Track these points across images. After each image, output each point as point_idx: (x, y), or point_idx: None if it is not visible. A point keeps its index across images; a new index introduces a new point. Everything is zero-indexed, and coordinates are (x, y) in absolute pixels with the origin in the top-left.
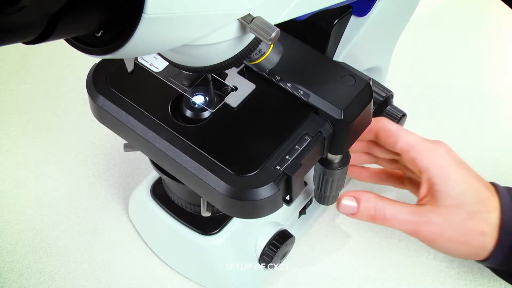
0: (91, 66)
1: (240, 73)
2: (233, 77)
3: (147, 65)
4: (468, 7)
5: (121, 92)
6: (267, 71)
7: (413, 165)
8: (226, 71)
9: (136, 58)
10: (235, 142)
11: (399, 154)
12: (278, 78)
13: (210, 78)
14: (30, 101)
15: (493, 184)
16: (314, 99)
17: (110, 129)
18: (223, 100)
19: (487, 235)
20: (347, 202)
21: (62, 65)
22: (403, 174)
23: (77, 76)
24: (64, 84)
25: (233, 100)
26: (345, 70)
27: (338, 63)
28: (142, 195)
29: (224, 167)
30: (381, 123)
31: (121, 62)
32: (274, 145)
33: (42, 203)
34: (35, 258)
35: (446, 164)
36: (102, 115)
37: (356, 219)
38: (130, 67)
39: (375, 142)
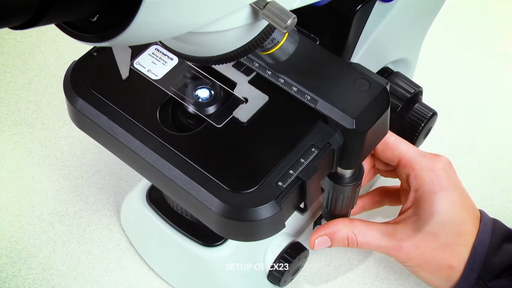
0: (81, 54)
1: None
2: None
3: (145, 71)
4: None
5: (103, 94)
6: (269, 73)
7: (405, 182)
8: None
9: (132, 63)
10: (231, 154)
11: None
12: (282, 81)
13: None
14: (9, 92)
15: (481, 213)
16: (323, 106)
17: (91, 136)
18: (231, 114)
19: (454, 269)
20: (321, 239)
21: (47, 51)
22: (401, 187)
23: (64, 65)
24: (48, 73)
25: (242, 112)
26: (358, 73)
27: (350, 64)
28: (137, 200)
29: (218, 182)
30: None
31: (103, 60)
32: (276, 158)
33: (22, 208)
34: (13, 271)
35: (436, 189)
36: (81, 121)
37: None
38: (125, 73)
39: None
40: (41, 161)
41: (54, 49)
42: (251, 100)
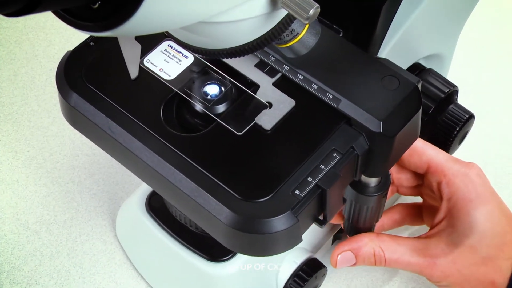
0: (73, 42)
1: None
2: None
3: (156, 70)
4: None
5: (100, 89)
6: (287, 68)
7: (437, 190)
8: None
9: (142, 61)
10: (243, 158)
11: (423, 177)
12: (301, 77)
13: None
14: None
15: None
16: (346, 106)
17: (85, 135)
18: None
19: (496, 286)
20: (344, 256)
21: (35, 39)
22: (423, 203)
23: (54, 54)
24: (37, 64)
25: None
26: (386, 69)
27: (378, 59)
28: (134, 208)
29: (228, 189)
30: None
31: (101, 50)
32: (293, 164)
33: (4, 215)
34: None
35: (473, 197)
36: (75, 118)
37: None
38: (134, 72)
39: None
40: (28, 163)
41: (43, 36)
42: (275, 105)
